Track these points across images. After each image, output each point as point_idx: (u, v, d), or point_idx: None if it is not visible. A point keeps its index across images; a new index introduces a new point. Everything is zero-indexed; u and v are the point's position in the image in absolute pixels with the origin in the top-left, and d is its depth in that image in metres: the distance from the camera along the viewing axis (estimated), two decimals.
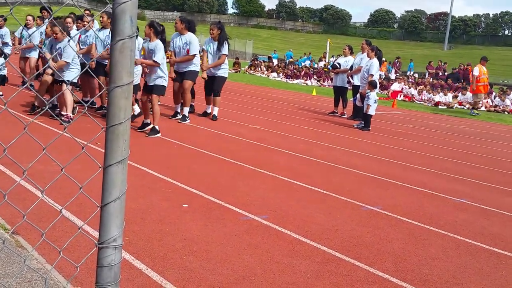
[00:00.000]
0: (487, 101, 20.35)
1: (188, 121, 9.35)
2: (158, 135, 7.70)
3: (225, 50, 9.92)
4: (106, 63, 8.89)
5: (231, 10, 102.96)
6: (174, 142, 7.42)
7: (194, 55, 9.23)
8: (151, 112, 7.97)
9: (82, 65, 8.49)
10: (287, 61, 35.32)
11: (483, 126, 14.82)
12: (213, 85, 10.02)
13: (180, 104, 9.56)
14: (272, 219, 4.30)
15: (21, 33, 12.56)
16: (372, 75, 11.36)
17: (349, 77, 12.76)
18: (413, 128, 12.36)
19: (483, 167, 8.04)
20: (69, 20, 9.43)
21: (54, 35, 7.97)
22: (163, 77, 7.88)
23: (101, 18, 9.24)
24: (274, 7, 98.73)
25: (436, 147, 9.58)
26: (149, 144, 7.11)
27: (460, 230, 4.57)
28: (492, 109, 20.06)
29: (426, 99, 20.84)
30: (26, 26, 12.01)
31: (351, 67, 12.68)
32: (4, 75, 10.40)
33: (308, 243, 3.84)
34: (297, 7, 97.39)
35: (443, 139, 10.93)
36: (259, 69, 32.93)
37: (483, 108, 19.52)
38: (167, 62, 8.49)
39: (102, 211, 1.69)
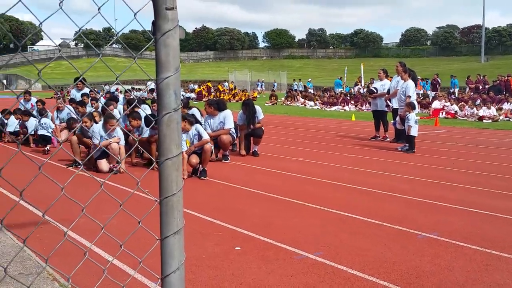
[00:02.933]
0: None
1: (229, 159, 9.42)
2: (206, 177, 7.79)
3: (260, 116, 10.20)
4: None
5: (262, 44, 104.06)
6: (219, 182, 7.44)
7: (230, 129, 9.48)
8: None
9: None
10: (338, 90, 34.93)
11: None
12: (254, 134, 10.11)
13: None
14: (326, 255, 4.22)
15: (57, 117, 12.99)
16: (409, 97, 11.21)
17: (387, 100, 12.63)
18: (459, 146, 12.06)
19: None
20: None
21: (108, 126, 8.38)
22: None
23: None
24: (304, 37, 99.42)
25: (486, 164, 9.28)
26: (195, 186, 7.16)
27: None
28: None
29: (469, 114, 20.37)
30: (59, 109, 12.57)
31: (388, 90, 12.56)
32: (46, 135, 10.77)
33: (366, 278, 3.74)
34: (327, 34, 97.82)
35: (492, 154, 10.59)
36: (296, 99, 33.02)
37: None
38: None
39: (163, 283, 1.70)
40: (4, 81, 65.45)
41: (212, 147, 8.07)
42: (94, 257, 4.10)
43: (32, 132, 11.10)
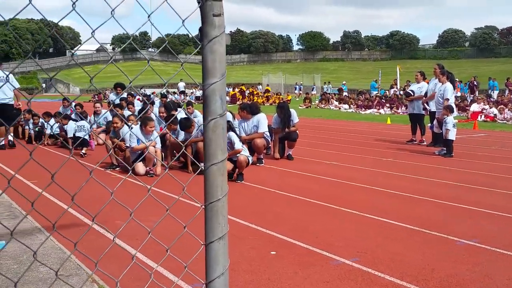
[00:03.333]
0: None
1: (264, 163, 9.43)
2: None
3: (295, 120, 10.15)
4: None
5: (296, 47, 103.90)
6: (254, 186, 7.45)
7: (264, 132, 9.55)
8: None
9: None
10: (374, 93, 34.53)
11: None
12: (289, 137, 10.09)
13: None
14: (363, 261, 4.17)
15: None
16: (447, 100, 11.01)
17: (425, 103, 12.42)
18: (499, 150, 11.76)
19: None
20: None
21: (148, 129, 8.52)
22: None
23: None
24: (339, 39, 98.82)
25: None
26: (230, 190, 7.16)
27: None
28: None
29: (509, 117, 19.86)
30: (96, 113, 12.84)
31: (426, 93, 12.36)
32: (83, 138, 10.97)
33: (404, 285, 3.68)
34: (362, 36, 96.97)
35: None
36: (330, 102, 32.84)
37: None
38: None
39: None
40: (44, 85, 67.25)
41: (249, 158, 8.05)
42: (138, 261, 4.16)
43: (72, 135, 11.33)
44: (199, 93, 42.35)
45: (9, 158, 9.86)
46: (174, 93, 42.69)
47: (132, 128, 8.76)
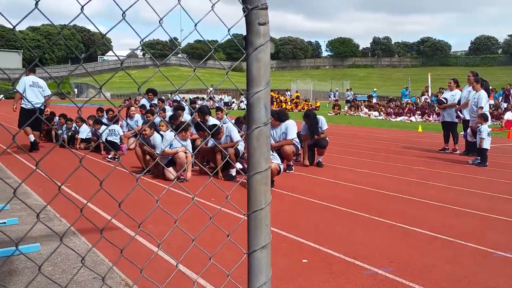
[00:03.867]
0: None
1: (293, 170, 9.39)
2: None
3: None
4: None
5: (325, 53, 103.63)
6: (285, 193, 7.42)
7: (292, 139, 9.49)
8: None
9: None
10: (405, 100, 34.04)
11: None
12: (318, 144, 10.02)
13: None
14: (397, 271, 4.09)
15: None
16: (481, 108, 10.79)
17: (458, 111, 12.21)
18: None
19: None
20: None
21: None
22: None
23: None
24: (369, 45, 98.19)
25: None
26: None
27: None
28: None
29: None
30: (130, 116, 13.03)
31: (459, 101, 12.15)
32: (115, 142, 11.12)
33: None
34: (392, 42, 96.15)
35: None
36: (359, 109, 32.59)
37: None
38: None
39: None
40: (76, 90, 68.52)
41: (281, 166, 8.01)
42: (164, 266, 4.17)
43: (104, 139, 11.49)
44: (227, 98, 42.54)
45: (43, 161, 10.02)
46: (203, 98, 42.93)
47: (166, 133, 8.82)
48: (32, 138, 11.70)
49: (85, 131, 12.63)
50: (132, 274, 3.91)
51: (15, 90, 10.98)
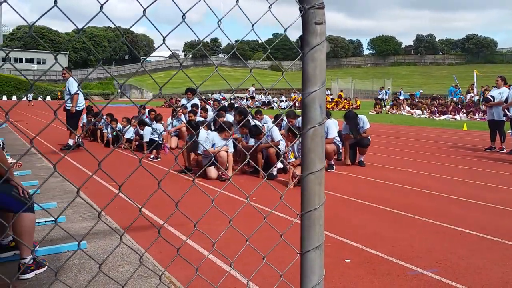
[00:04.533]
0: None
1: (335, 169, 9.34)
2: None
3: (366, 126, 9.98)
4: None
5: (366, 51, 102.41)
6: (326, 192, 7.36)
7: (333, 138, 9.45)
8: None
9: None
10: (449, 98, 33.23)
11: None
12: (360, 143, 9.94)
13: None
14: (443, 272, 4.02)
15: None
16: None
17: (505, 109, 11.86)
18: None
19: None
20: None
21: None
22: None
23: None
24: (412, 43, 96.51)
25: None
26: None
27: None
28: None
29: None
30: (176, 116, 13.24)
31: (506, 99, 11.80)
32: (157, 141, 11.27)
33: None
34: (436, 40, 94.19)
35: None
36: (402, 107, 32.06)
37: None
38: None
39: None
40: (119, 90, 70.04)
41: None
42: (210, 265, 4.22)
43: (147, 139, 11.69)
44: (265, 98, 42.57)
45: (87, 161, 10.27)
46: (246, 98, 43.13)
47: (210, 132, 8.91)
48: (71, 141, 12.10)
49: (131, 131, 12.89)
50: (175, 272, 3.98)
51: (76, 91, 11.38)
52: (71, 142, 12.27)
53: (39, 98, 52.36)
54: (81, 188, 6.53)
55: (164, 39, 1.49)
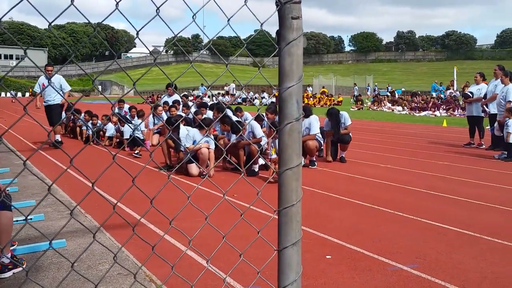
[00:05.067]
0: None
1: (316, 165, 9.36)
2: None
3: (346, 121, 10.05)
4: None
5: (347, 48, 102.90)
6: (306, 188, 7.38)
7: (315, 134, 9.43)
8: None
9: None
10: (432, 94, 33.57)
11: None
12: (341, 140, 9.97)
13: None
14: (423, 268, 4.04)
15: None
16: (510, 102, 10.59)
17: (484, 105, 12.01)
18: None
19: None
20: None
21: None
22: None
23: None
24: (392, 40, 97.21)
25: None
26: None
27: None
28: None
29: None
30: (157, 114, 13.13)
31: (485, 95, 11.94)
32: (138, 137, 11.19)
33: None
34: (417, 36, 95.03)
35: None
36: (383, 104, 32.29)
37: None
38: None
39: None
40: (100, 87, 69.29)
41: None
42: (189, 262, 4.19)
43: (128, 137, 11.60)
44: (247, 95, 42.50)
45: (64, 156, 10.15)
46: (222, 94, 42.95)
47: (190, 129, 8.86)
48: (58, 136, 12.02)
49: (111, 128, 12.77)
50: (154, 269, 3.94)
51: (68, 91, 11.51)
52: (58, 137, 12.15)
53: (9, 95, 51.59)
54: (62, 186, 6.43)
55: (137, 33, 1.47)
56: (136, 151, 10.91)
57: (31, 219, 5.39)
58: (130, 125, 11.75)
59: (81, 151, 10.87)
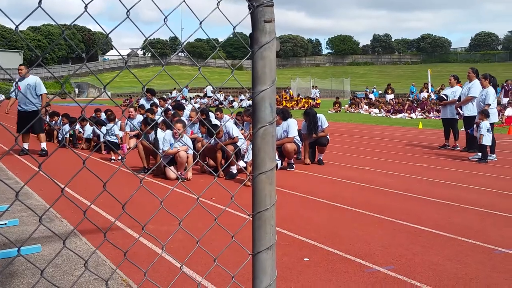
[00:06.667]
0: None
1: (294, 168, 9.39)
2: None
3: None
4: None
5: (325, 51, 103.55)
6: (285, 191, 7.40)
7: (293, 137, 9.48)
8: None
9: None
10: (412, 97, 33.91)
11: None
12: (319, 142, 10.02)
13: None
14: (399, 269, 4.09)
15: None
16: (489, 105, 10.75)
17: (458, 108, 12.20)
18: None
19: None
20: None
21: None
22: None
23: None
24: (369, 43, 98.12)
25: None
26: None
27: None
28: None
29: None
30: (130, 117, 12.97)
31: (460, 97, 12.13)
32: (115, 142, 11.06)
33: None
34: (393, 39, 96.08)
35: None
36: (359, 106, 32.56)
37: None
38: None
39: None
40: (76, 90, 68.49)
41: (278, 163, 8.07)
42: (166, 266, 4.17)
43: (102, 139, 11.48)
44: (225, 98, 42.47)
45: (44, 162, 10.01)
46: (203, 96, 42.84)
47: (166, 132, 8.81)
48: (44, 144, 11.52)
49: (88, 130, 12.63)
50: (132, 273, 3.91)
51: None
52: (44, 145, 11.60)
53: None
54: (37, 190, 6.33)
55: (107, 35, 1.46)
56: (112, 157, 10.78)
57: (5, 224, 5.30)
58: (105, 127, 11.62)
59: (55, 155, 10.74)
